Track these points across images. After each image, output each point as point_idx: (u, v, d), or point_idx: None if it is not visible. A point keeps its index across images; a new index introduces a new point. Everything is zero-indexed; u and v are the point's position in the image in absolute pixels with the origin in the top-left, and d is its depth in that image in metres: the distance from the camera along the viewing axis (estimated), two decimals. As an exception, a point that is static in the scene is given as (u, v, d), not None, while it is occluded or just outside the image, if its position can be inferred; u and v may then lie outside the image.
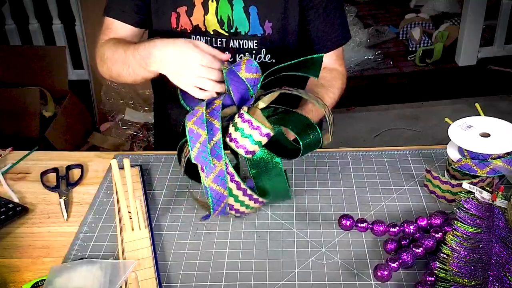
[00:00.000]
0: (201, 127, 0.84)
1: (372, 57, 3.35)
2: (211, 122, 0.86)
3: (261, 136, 0.88)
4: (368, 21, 3.78)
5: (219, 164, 0.85)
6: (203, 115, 0.85)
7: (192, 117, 0.86)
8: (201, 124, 0.85)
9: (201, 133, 0.84)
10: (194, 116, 0.86)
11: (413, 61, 3.35)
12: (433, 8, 3.73)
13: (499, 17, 3.16)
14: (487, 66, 3.22)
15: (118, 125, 2.61)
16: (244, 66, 0.90)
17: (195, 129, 0.85)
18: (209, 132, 0.85)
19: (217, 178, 0.86)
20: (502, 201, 0.87)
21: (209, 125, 0.85)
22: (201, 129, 0.84)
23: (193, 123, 0.85)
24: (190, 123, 0.85)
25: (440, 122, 1.13)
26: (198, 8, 1.12)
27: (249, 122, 0.87)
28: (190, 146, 0.84)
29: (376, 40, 3.53)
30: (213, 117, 0.87)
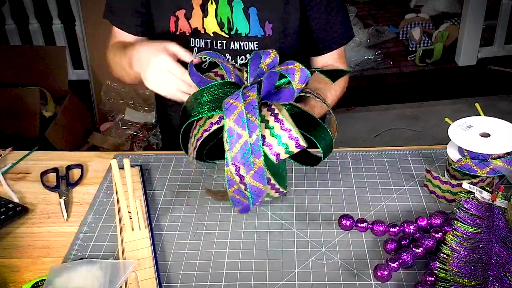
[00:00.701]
0: (242, 126, 0.81)
1: (372, 57, 3.35)
2: (249, 119, 0.82)
3: (289, 139, 0.85)
4: (368, 21, 3.78)
5: (258, 161, 0.83)
6: (243, 113, 0.81)
7: (231, 114, 0.82)
8: (241, 123, 0.81)
9: (242, 134, 0.81)
10: (233, 113, 0.81)
11: (413, 61, 3.35)
12: (433, 8, 3.73)
13: (499, 17, 3.16)
14: (487, 66, 3.22)
15: (118, 125, 2.61)
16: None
17: (235, 129, 0.81)
18: (249, 130, 0.81)
19: (256, 175, 0.83)
20: (502, 201, 0.87)
21: (248, 122, 0.81)
22: (241, 128, 0.81)
23: (232, 121, 0.81)
24: (229, 120, 0.81)
25: (440, 122, 1.13)
26: (196, 10, 1.12)
27: (282, 126, 0.85)
28: (229, 146, 0.82)
29: (376, 40, 3.53)
30: (251, 113, 0.82)
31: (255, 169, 0.83)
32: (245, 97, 0.84)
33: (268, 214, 0.97)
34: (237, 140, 0.81)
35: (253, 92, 0.85)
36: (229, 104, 0.83)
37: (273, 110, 0.87)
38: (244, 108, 0.81)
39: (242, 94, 0.84)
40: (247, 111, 0.82)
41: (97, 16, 2.69)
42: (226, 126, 0.81)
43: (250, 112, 0.82)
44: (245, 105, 0.82)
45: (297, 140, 0.85)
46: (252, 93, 0.84)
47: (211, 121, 0.88)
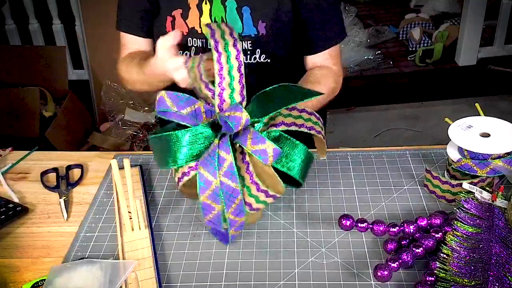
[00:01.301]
0: (215, 201, 0.81)
1: (372, 57, 3.35)
2: (228, 186, 0.80)
3: (266, 198, 0.85)
4: (368, 21, 3.78)
5: (240, 219, 0.84)
6: (218, 189, 0.80)
7: (205, 190, 0.81)
8: (215, 198, 0.81)
9: (216, 207, 0.82)
10: (208, 189, 0.81)
11: (413, 61, 3.35)
12: (433, 8, 3.73)
13: (499, 17, 3.16)
14: (487, 66, 3.22)
15: (118, 125, 2.61)
16: (250, 141, 0.83)
17: (209, 203, 0.82)
18: (227, 201, 0.81)
19: (237, 229, 0.85)
20: (502, 201, 0.87)
21: (227, 191, 0.80)
22: (215, 203, 0.82)
23: (207, 197, 0.81)
24: (204, 196, 0.81)
25: (440, 122, 1.13)
26: (193, 10, 1.12)
27: (256, 185, 0.83)
28: (203, 215, 0.83)
29: (376, 40, 3.53)
30: (230, 180, 0.80)
31: (237, 225, 0.85)
32: (221, 161, 0.81)
33: (268, 214, 0.97)
34: (210, 212, 0.83)
35: (228, 153, 0.81)
36: (203, 177, 0.81)
37: (248, 164, 0.84)
38: (219, 182, 0.80)
39: (218, 159, 0.81)
40: (225, 178, 0.80)
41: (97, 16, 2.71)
42: (200, 199, 0.81)
43: (230, 178, 0.80)
44: (223, 173, 0.80)
45: (274, 196, 0.85)
46: (228, 154, 0.81)
47: (188, 165, 0.86)
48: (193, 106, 0.87)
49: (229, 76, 0.85)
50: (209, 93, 0.88)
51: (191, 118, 0.87)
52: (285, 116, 0.87)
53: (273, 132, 0.88)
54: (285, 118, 0.87)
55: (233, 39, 0.85)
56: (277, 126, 0.86)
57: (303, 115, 0.89)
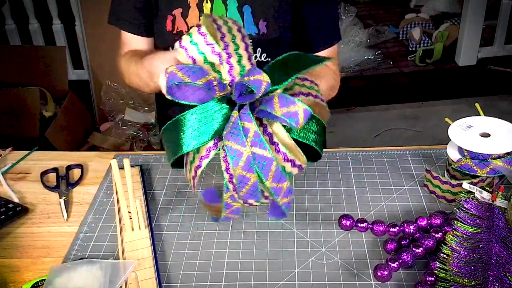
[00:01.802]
0: (250, 170, 0.76)
1: (372, 57, 3.35)
2: (258, 155, 0.77)
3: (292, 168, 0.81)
4: (368, 21, 3.78)
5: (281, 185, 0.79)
6: (250, 158, 0.76)
7: (238, 162, 0.76)
8: (250, 168, 0.76)
9: (251, 177, 0.77)
10: (240, 160, 0.76)
11: (413, 61, 3.35)
12: (433, 8, 3.74)
13: (499, 17, 3.16)
14: (487, 66, 3.22)
15: (118, 125, 2.61)
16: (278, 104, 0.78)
17: (245, 174, 0.77)
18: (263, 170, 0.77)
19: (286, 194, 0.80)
20: (502, 201, 0.87)
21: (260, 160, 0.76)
22: (251, 173, 0.77)
23: (241, 169, 0.76)
24: (237, 169, 0.76)
25: (440, 122, 1.13)
26: (193, 9, 1.12)
27: (284, 154, 0.80)
28: (239, 189, 0.78)
29: (376, 40, 3.53)
30: (259, 147, 0.77)
31: (283, 192, 0.80)
32: (245, 131, 0.77)
33: (268, 214, 0.97)
34: (246, 183, 0.78)
35: (250, 122, 0.77)
36: (233, 150, 0.76)
37: (271, 136, 0.81)
38: (250, 152, 0.76)
39: (242, 129, 0.77)
40: (253, 147, 0.76)
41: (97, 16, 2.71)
42: (235, 173, 0.77)
43: (258, 146, 0.77)
44: (250, 142, 0.76)
45: (299, 166, 0.82)
46: (250, 123, 0.77)
47: (205, 146, 0.82)
48: (206, 78, 0.81)
49: (234, 44, 0.82)
50: (215, 57, 0.83)
51: (206, 91, 0.81)
52: (301, 86, 0.85)
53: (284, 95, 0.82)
54: (301, 88, 0.84)
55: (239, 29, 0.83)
56: (296, 96, 0.82)
57: (313, 86, 0.87)
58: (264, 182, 0.78)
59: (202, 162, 0.81)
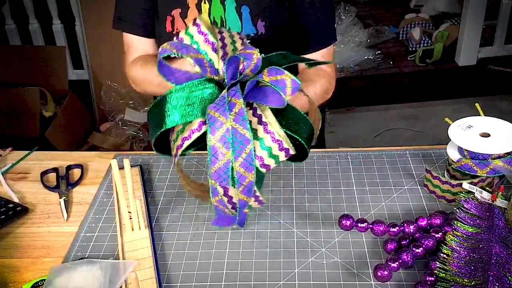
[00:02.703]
0: (226, 146, 0.74)
1: (372, 57, 3.35)
2: (239, 133, 0.74)
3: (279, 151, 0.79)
4: (368, 21, 3.78)
5: (250, 175, 0.76)
6: (229, 131, 0.74)
7: (215, 131, 0.74)
8: (226, 142, 0.74)
9: (226, 154, 0.74)
10: (217, 130, 0.74)
11: (413, 61, 3.35)
12: (433, 8, 3.73)
13: (499, 17, 3.16)
14: (487, 66, 3.22)
15: (118, 125, 2.61)
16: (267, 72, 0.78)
17: (218, 147, 0.74)
18: (236, 148, 0.74)
19: (245, 189, 0.77)
20: (502, 201, 0.87)
21: (236, 138, 0.74)
22: (226, 148, 0.74)
23: (217, 141, 0.74)
24: (213, 138, 0.74)
25: (440, 122, 1.13)
26: (192, 10, 1.12)
27: (271, 134, 0.78)
28: (210, 164, 0.75)
29: (376, 40, 3.53)
30: (241, 126, 0.75)
31: (245, 184, 0.77)
32: (231, 106, 0.75)
33: (268, 214, 0.97)
34: (218, 159, 0.75)
35: (238, 98, 0.76)
36: (214, 118, 0.75)
37: (260, 117, 0.79)
38: (231, 125, 0.74)
39: (228, 103, 0.75)
40: (235, 123, 0.75)
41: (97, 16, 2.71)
42: (209, 143, 0.74)
43: (240, 124, 0.75)
44: (233, 117, 0.75)
45: (287, 150, 0.80)
46: (238, 100, 0.76)
47: (190, 127, 0.80)
48: (198, 55, 0.81)
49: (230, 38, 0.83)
50: (208, 46, 0.82)
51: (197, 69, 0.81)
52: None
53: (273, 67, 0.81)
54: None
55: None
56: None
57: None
58: (233, 163, 0.75)
59: (184, 143, 0.80)
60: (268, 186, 1.04)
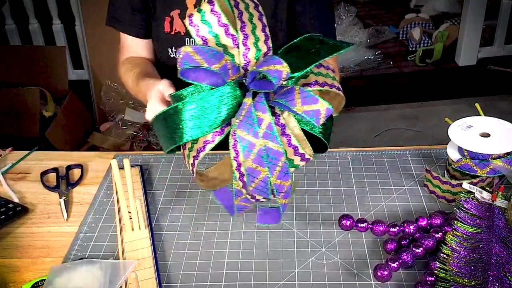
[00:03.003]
0: (260, 164, 0.74)
1: (372, 57, 3.35)
2: (270, 149, 0.74)
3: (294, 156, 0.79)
4: (368, 21, 3.78)
5: (287, 183, 0.77)
6: (262, 151, 0.73)
7: (249, 154, 0.74)
8: (261, 161, 0.74)
9: (261, 171, 0.74)
10: (251, 152, 0.74)
11: (413, 61, 3.35)
12: (433, 8, 3.74)
13: (499, 17, 3.16)
14: (487, 66, 3.22)
15: (118, 125, 2.61)
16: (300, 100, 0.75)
17: (254, 167, 0.74)
18: (271, 164, 0.74)
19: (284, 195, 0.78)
20: (502, 201, 0.87)
21: (270, 153, 0.74)
22: (261, 166, 0.74)
23: (251, 161, 0.74)
24: (248, 161, 0.74)
25: (440, 122, 1.13)
26: (190, 10, 1.12)
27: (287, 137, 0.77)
28: (248, 181, 0.76)
29: (376, 40, 3.53)
30: (271, 141, 0.74)
31: (284, 191, 0.77)
32: (258, 122, 0.73)
33: (268, 214, 0.97)
34: (256, 178, 0.75)
35: (264, 112, 0.74)
36: (244, 140, 0.73)
37: (278, 117, 0.78)
38: (263, 145, 0.73)
39: (256, 120, 0.73)
40: (266, 140, 0.73)
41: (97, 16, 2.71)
42: (244, 165, 0.74)
43: (271, 139, 0.74)
44: (262, 134, 0.73)
45: (303, 155, 0.79)
46: (264, 114, 0.73)
47: (204, 139, 0.79)
48: (222, 62, 0.77)
49: (251, 24, 0.77)
50: (230, 40, 0.79)
51: (221, 76, 0.77)
52: (316, 74, 0.80)
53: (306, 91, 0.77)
54: (317, 77, 0.80)
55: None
56: (311, 86, 0.78)
57: (329, 73, 0.82)
58: (270, 177, 0.75)
59: (199, 154, 0.79)
60: (268, 186, 1.04)
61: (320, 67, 0.82)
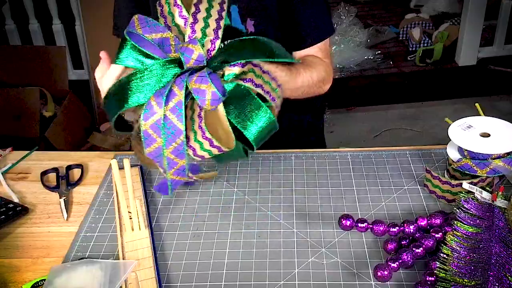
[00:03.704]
0: (156, 132, 0.78)
1: (372, 57, 3.35)
2: (173, 123, 0.78)
3: (211, 147, 0.82)
4: (368, 21, 3.78)
5: (181, 161, 0.81)
6: (160, 121, 0.78)
7: (148, 118, 0.78)
8: (157, 129, 0.78)
9: (156, 139, 0.79)
10: (150, 118, 0.78)
11: (413, 61, 3.35)
12: (433, 8, 3.74)
13: (499, 17, 3.16)
14: (487, 66, 3.22)
15: (118, 125, 2.61)
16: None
17: (151, 133, 0.78)
18: (168, 137, 0.78)
19: (176, 172, 0.82)
20: (502, 201, 0.87)
21: (170, 126, 0.78)
22: (156, 134, 0.78)
23: (149, 127, 0.78)
24: (146, 124, 0.78)
25: (440, 122, 1.13)
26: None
27: (202, 130, 0.81)
28: (144, 145, 0.80)
29: (376, 40, 3.53)
30: (176, 118, 0.78)
31: (176, 167, 0.82)
32: (172, 96, 0.78)
33: (268, 214, 0.97)
34: (150, 144, 0.79)
35: (181, 89, 0.78)
36: (150, 106, 0.78)
37: (201, 108, 0.82)
38: (163, 115, 0.78)
39: (168, 93, 0.78)
40: (171, 113, 0.78)
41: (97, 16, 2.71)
42: (142, 127, 0.78)
43: (176, 115, 0.78)
44: (170, 108, 0.78)
45: (219, 148, 0.81)
46: (180, 91, 0.78)
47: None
48: (161, 35, 0.82)
49: (206, 12, 0.82)
50: (182, 21, 0.84)
51: (157, 47, 0.82)
52: (257, 76, 0.83)
53: (243, 86, 0.81)
54: (256, 78, 0.83)
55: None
56: (245, 81, 0.81)
57: (271, 83, 0.85)
58: (164, 149, 0.79)
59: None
60: (268, 186, 1.04)
61: (264, 74, 0.85)
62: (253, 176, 1.07)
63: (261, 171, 1.09)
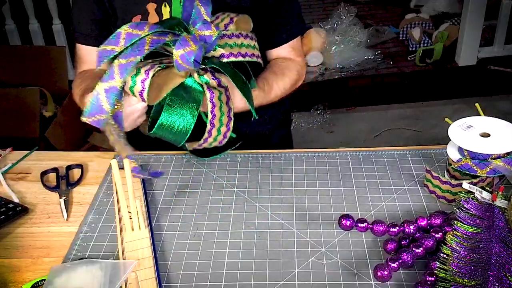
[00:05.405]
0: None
1: (372, 57, 3.35)
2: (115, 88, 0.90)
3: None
4: (368, 21, 3.78)
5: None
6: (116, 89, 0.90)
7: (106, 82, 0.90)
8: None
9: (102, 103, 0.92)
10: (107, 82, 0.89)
11: (413, 61, 3.35)
12: (433, 8, 3.73)
13: (499, 17, 3.16)
14: (487, 66, 3.22)
15: (118, 125, 2.61)
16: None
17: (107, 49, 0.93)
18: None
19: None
20: (502, 201, 0.87)
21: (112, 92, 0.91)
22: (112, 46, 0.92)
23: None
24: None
25: (440, 122, 1.14)
26: (152, 15, 1.11)
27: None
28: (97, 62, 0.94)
29: (376, 40, 3.53)
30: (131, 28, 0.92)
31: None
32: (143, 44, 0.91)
33: (268, 214, 0.97)
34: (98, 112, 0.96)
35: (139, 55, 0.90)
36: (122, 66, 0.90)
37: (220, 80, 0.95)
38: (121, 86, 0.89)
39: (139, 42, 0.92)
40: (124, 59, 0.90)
41: (97, 16, 2.70)
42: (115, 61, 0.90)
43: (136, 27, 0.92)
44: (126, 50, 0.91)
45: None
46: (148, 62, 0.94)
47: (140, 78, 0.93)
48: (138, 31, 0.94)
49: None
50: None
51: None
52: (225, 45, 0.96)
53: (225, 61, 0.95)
54: (231, 49, 0.96)
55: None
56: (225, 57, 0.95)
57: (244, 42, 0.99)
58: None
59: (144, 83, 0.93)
60: (268, 186, 1.04)
61: (232, 37, 0.98)
62: (253, 176, 1.07)
63: (261, 171, 1.09)
